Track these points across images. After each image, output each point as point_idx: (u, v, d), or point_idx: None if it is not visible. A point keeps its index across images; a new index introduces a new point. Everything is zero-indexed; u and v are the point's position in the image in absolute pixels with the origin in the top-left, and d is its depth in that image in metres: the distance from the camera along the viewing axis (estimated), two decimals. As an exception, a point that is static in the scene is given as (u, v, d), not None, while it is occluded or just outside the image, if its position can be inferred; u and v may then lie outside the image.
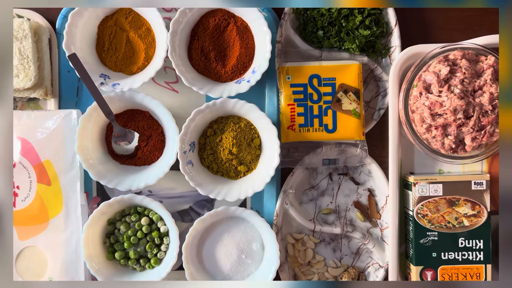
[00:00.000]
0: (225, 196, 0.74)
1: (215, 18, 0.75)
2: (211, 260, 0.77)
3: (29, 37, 0.73)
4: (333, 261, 0.81)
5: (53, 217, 0.78)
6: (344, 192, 0.81)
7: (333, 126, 0.76)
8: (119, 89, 0.73)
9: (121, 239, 0.77)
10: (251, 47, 0.76)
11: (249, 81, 0.73)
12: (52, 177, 0.77)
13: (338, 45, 0.76)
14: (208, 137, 0.77)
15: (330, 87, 0.75)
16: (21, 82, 0.73)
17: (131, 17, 0.76)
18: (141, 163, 0.78)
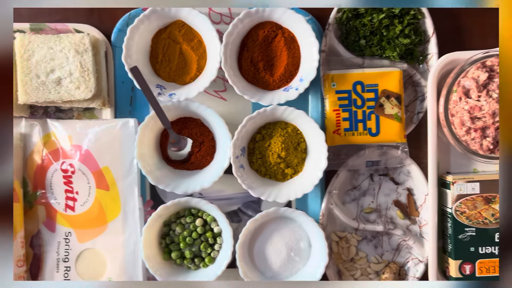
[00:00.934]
0: (276, 197, 0.79)
1: (264, 30, 0.79)
2: (262, 258, 0.82)
3: (89, 50, 0.78)
4: (375, 257, 0.86)
5: (111, 220, 0.82)
6: (385, 191, 0.86)
7: (376, 130, 0.80)
8: (176, 99, 0.78)
9: (177, 240, 0.82)
10: (297, 56, 0.80)
11: (298, 89, 0.78)
12: (111, 182, 0.81)
13: (379, 53, 0.81)
14: (256, 142, 0.81)
15: (373, 93, 0.80)
16: (82, 94, 0.78)
17: (184, 30, 0.80)
18: (194, 167, 0.83)
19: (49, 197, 0.83)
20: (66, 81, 0.78)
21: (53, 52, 0.78)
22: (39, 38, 0.78)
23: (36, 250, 0.83)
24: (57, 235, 0.83)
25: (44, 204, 0.83)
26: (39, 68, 0.78)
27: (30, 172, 0.83)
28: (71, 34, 0.78)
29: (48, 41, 0.78)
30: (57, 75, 0.78)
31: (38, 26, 0.81)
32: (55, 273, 0.83)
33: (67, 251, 0.83)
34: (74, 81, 0.78)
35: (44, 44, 0.78)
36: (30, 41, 0.78)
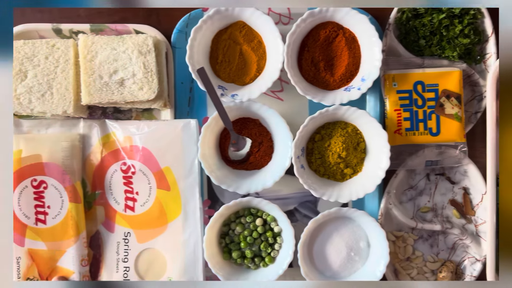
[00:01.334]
0: (337, 197, 0.79)
1: (325, 30, 0.79)
2: (321, 257, 0.82)
3: (152, 52, 0.78)
4: (431, 256, 0.86)
5: (171, 220, 0.82)
6: (441, 191, 0.86)
7: (436, 130, 0.80)
8: (239, 100, 0.78)
9: (237, 239, 0.82)
10: (358, 56, 0.80)
11: (360, 89, 0.78)
12: (172, 182, 0.82)
13: (438, 53, 0.81)
14: (315, 142, 0.81)
15: (434, 93, 0.80)
16: (145, 95, 0.78)
17: (244, 31, 0.80)
18: (252, 167, 0.83)
19: (108, 198, 0.83)
20: (129, 82, 0.78)
21: (116, 53, 0.78)
22: (102, 39, 0.78)
23: (95, 250, 0.84)
24: (116, 236, 0.83)
25: (103, 205, 0.83)
26: (102, 69, 0.78)
27: (89, 172, 0.83)
28: (134, 35, 0.79)
29: (111, 42, 0.78)
30: (120, 76, 0.78)
31: (99, 27, 0.81)
32: (114, 273, 0.83)
33: (126, 251, 0.83)
34: (137, 82, 0.78)
35: (107, 45, 0.78)
36: (93, 42, 0.78)
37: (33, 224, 0.80)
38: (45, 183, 0.80)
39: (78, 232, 0.81)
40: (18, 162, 0.79)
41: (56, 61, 0.79)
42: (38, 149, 0.80)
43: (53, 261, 0.81)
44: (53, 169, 0.80)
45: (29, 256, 0.80)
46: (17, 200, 0.79)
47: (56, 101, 0.79)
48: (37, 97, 0.79)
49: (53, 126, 0.82)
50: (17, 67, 0.79)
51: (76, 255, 0.81)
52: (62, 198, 0.80)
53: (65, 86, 0.79)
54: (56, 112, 0.79)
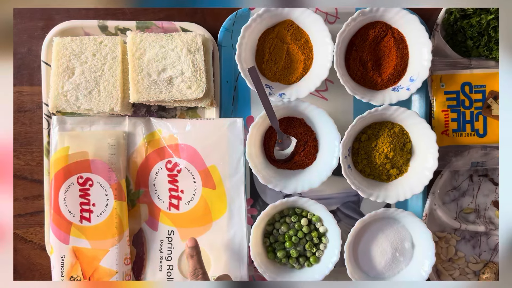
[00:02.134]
0: (385, 198, 0.79)
1: (374, 30, 0.79)
2: (366, 258, 0.82)
3: (201, 50, 0.77)
4: (473, 257, 0.86)
5: (216, 219, 0.82)
6: (484, 192, 0.86)
7: (483, 131, 0.80)
8: (287, 99, 0.78)
9: (281, 239, 0.82)
10: (406, 56, 0.80)
11: (409, 89, 0.78)
12: (217, 181, 0.81)
13: (486, 54, 0.81)
14: (362, 142, 0.81)
15: (481, 94, 0.80)
16: (194, 93, 0.78)
17: (292, 30, 0.80)
18: (296, 167, 0.83)
19: (152, 196, 0.83)
20: (177, 80, 0.78)
21: (165, 51, 0.77)
22: (150, 37, 0.78)
23: (138, 248, 0.83)
24: (159, 234, 0.83)
25: (147, 203, 0.83)
26: (151, 67, 0.78)
27: (133, 171, 0.83)
28: (183, 33, 0.78)
29: (160, 40, 0.78)
30: (169, 74, 0.78)
31: (145, 24, 0.81)
32: (158, 272, 0.83)
33: (169, 249, 0.83)
34: (185, 80, 0.78)
35: (156, 43, 0.78)
36: (142, 39, 0.78)
37: (78, 222, 0.80)
38: (91, 181, 0.79)
39: (122, 231, 0.80)
40: (65, 159, 0.79)
41: (103, 58, 0.78)
42: (84, 146, 0.79)
43: (96, 260, 0.80)
44: (99, 166, 0.79)
45: (73, 254, 0.80)
46: (63, 197, 0.79)
47: (103, 99, 0.78)
48: (84, 94, 0.78)
49: (97, 124, 0.82)
50: (64, 64, 0.78)
51: (119, 254, 0.80)
52: (107, 196, 0.80)
53: (112, 84, 0.78)
54: (103, 109, 0.78)
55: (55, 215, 0.79)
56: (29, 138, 0.85)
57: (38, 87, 0.83)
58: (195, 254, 0.77)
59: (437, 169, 0.82)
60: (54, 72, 0.78)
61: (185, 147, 0.81)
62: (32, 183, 0.85)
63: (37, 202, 0.86)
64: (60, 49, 0.78)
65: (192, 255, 0.76)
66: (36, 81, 0.84)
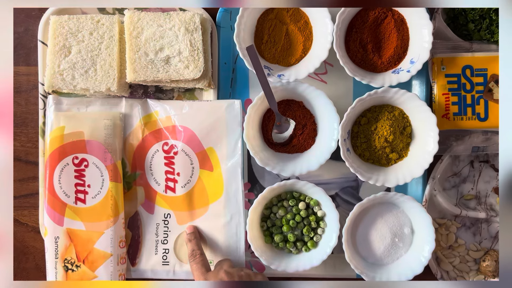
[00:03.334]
0: (384, 182, 0.78)
1: (374, 11, 0.78)
2: (365, 243, 0.80)
3: (199, 29, 0.77)
4: (474, 244, 0.85)
5: (213, 202, 0.81)
6: (485, 179, 0.85)
7: (485, 115, 0.79)
8: (285, 80, 0.77)
9: (279, 223, 0.81)
10: (406, 38, 0.79)
11: (410, 71, 0.77)
12: (215, 163, 0.80)
13: (487, 37, 0.80)
14: (361, 126, 0.80)
15: (482, 78, 0.79)
16: (191, 73, 0.77)
17: (292, 11, 0.79)
18: (295, 150, 0.82)
19: (149, 178, 0.82)
20: (175, 60, 0.77)
21: (163, 30, 0.77)
22: (148, 16, 0.77)
23: (134, 231, 0.82)
24: (155, 217, 0.82)
25: (143, 185, 0.82)
26: (148, 46, 0.77)
27: (129, 153, 0.82)
28: (181, 12, 0.77)
29: (158, 19, 0.77)
30: (166, 53, 0.77)
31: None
32: (153, 255, 0.82)
33: (166, 233, 0.82)
34: (183, 60, 0.77)
35: (154, 22, 0.77)
36: (139, 18, 0.77)
37: (73, 203, 0.79)
38: (86, 161, 0.78)
39: (117, 213, 0.79)
40: (60, 139, 0.78)
41: (100, 37, 0.78)
42: (80, 126, 0.78)
43: (90, 243, 0.79)
44: (95, 147, 0.78)
45: (68, 236, 0.79)
46: (58, 178, 0.78)
47: (100, 78, 0.77)
48: (81, 73, 0.77)
49: (93, 105, 0.81)
50: (61, 43, 0.77)
51: (114, 237, 0.79)
52: (103, 177, 0.79)
53: (109, 63, 0.77)
54: (100, 89, 0.77)
55: (50, 196, 0.78)
56: (24, 119, 0.84)
57: (34, 67, 0.82)
58: (193, 238, 0.76)
59: (437, 153, 0.81)
60: (50, 50, 0.77)
61: (183, 129, 0.80)
62: (27, 165, 0.84)
63: (32, 184, 0.85)
64: (57, 28, 0.77)
65: (190, 239, 0.76)
66: (32, 61, 0.83)
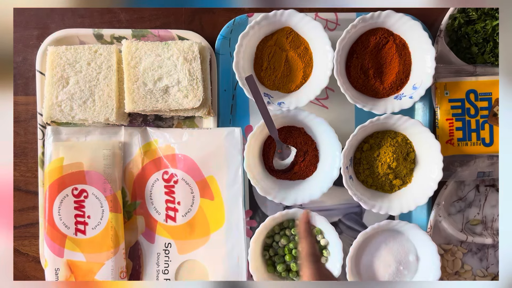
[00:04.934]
0: (388, 210, 0.76)
1: (375, 36, 0.77)
2: (370, 271, 0.79)
3: (198, 58, 0.76)
4: (481, 270, 0.83)
5: (214, 231, 0.80)
6: (491, 203, 0.83)
7: (490, 140, 0.78)
8: (286, 108, 0.76)
9: (281, 252, 0.80)
10: (408, 63, 0.78)
11: (412, 97, 0.75)
12: (215, 192, 0.79)
13: (491, 60, 0.78)
14: (364, 152, 0.79)
15: (487, 102, 0.77)
16: (190, 102, 0.76)
17: (291, 37, 0.78)
18: (296, 177, 0.81)
19: (149, 207, 0.81)
20: (173, 90, 0.76)
21: (161, 60, 0.76)
22: (146, 45, 0.76)
23: (134, 261, 0.81)
24: (156, 246, 0.81)
25: (143, 215, 0.81)
26: (146, 76, 0.76)
27: (129, 181, 0.81)
28: (179, 42, 0.77)
29: (156, 48, 0.76)
30: (165, 83, 0.76)
31: (141, 32, 0.79)
32: (154, 285, 0.81)
33: (166, 262, 0.81)
34: (182, 89, 0.76)
35: (152, 51, 0.76)
36: (137, 48, 0.76)
37: (73, 234, 0.78)
38: (86, 192, 0.78)
39: (117, 243, 0.79)
40: (59, 170, 0.77)
41: (98, 67, 0.77)
42: (79, 157, 0.78)
43: (91, 274, 0.78)
44: (95, 177, 0.77)
45: (68, 267, 0.78)
46: (57, 209, 0.77)
47: (98, 108, 0.77)
48: (79, 104, 0.77)
49: (93, 134, 0.80)
50: (58, 73, 0.77)
51: (115, 267, 0.78)
52: (103, 207, 0.78)
53: (107, 93, 0.77)
54: (98, 119, 0.77)
55: (49, 227, 0.77)
56: (24, 149, 0.83)
57: (33, 97, 0.82)
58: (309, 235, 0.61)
59: (442, 179, 0.79)
60: (48, 81, 0.77)
61: (182, 157, 0.79)
62: (27, 195, 0.84)
63: (32, 214, 0.84)
64: (55, 58, 0.77)
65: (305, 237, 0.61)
66: (31, 91, 0.82)
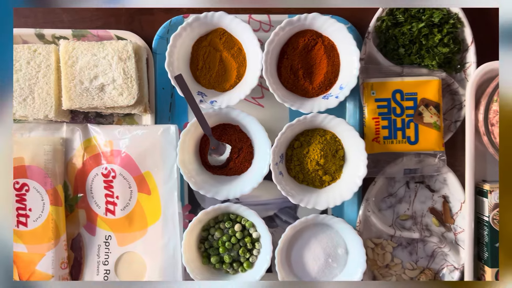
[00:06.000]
0: (315, 204, 0.80)
1: (304, 38, 0.80)
2: (300, 263, 0.83)
3: (132, 58, 0.79)
4: (410, 263, 0.87)
5: (151, 224, 0.83)
6: (420, 199, 0.86)
7: (415, 138, 0.81)
8: (217, 106, 0.79)
9: (216, 245, 0.83)
10: (337, 64, 0.81)
11: (338, 97, 0.78)
12: (152, 187, 0.82)
13: (418, 61, 0.81)
14: (295, 149, 0.82)
15: (412, 102, 0.80)
16: (125, 100, 0.79)
17: (224, 38, 0.81)
18: (232, 173, 0.84)
19: (90, 201, 0.84)
20: (109, 88, 0.79)
21: (97, 59, 0.79)
22: (82, 45, 0.79)
23: (76, 253, 0.85)
24: (97, 239, 0.84)
25: (85, 208, 0.84)
26: (83, 74, 0.79)
27: (71, 176, 0.84)
28: (114, 41, 0.79)
29: (92, 48, 0.79)
30: (101, 81, 0.79)
31: (80, 32, 0.82)
32: (95, 275, 0.84)
33: (107, 254, 0.84)
34: (117, 87, 0.79)
35: (88, 51, 0.79)
36: (74, 47, 0.79)
37: (15, 226, 0.81)
38: (27, 186, 0.81)
39: (58, 235, 0.82)
40: None
41: (37, 66, 0.80)
42: (21, 152, 0.81)
43: (32, 265, 0.82)
44: (36, 172, 0.81)
45: (11, 258, 0.82)
46: (-2, 202, 0.80)
47: (38, 106, 0.80)
48: (19, 101, 0.80)
49: (36, 130, 0.83)
50: None
51: (56, 258, 0.81)
52: (43, 201, 0.81)
53: (46, 91, 0.80)
54: (38, 116, 0.80)
55: (-8, 219, 0.81)
56: (-30, 144, 0.86)
57: (-22, 94, 0.85)
58: None
59: (370, 176, 0.83)
60: (-11, 79, 0.80)
61: (120, 153, 0.82)
62: (-25, 188, 0.87)
63: (-21, 207, 0.87)
64: (-5, 57, 0.80)
65: None
66: (-24, 88, 0.85)
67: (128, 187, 0.82)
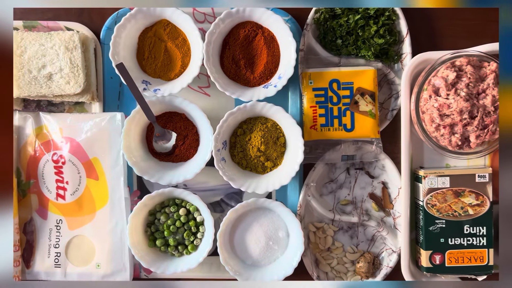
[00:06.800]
0: (255, 189, 0.83)
1: (245, 30, 0.83)
2: (242, 246, 0.86)
3: (78, 48, 0.82)
4: (351, 247, 0.90)
5: (99, 208, 0.86)
6: (360, 185, 0.90)
7: (351, 126, 0.84)
8: (160, 94, 0.82)
9: (161, 228, 0.86)
10: (277, 55, 0.84)
11: (276, 86, 0.82)
12: (100, 172, 0.86)
13: (355, 52, 0.85)
14: (238, 136, 0.85)
15: (348, 91, 0.84)
16: (71, 88, 0.82)
17: (169, 29, 0.84)
18: (178, 160, 0.87)
19: (41, 186, 0.87)
20: (56, 77, 0.82)
21: (45, 49, 0.82)
22: (31, 35, 0.82)
23: (28, 236, 0.88)
24: (49, 222, 0.88)
25: (37, 193, 0.88)
26: (31, 63, 0.82)
27: (23, 162, 0.87)
28: (61, 32, 0.83)
29: (40, 38, 0.82)
30: (48, 70, 0.82)
31: (31, 23, 0.85)
32: (46, 258, 0.87)
33: (58, 237, 0.87)
34: (64, 76, 0.82)
35: (36, 41, 0.82)
36: (22, 38, 0.82)
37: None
38: (-22, 172, 0.84)
39: (10, 219, 0.85)
40: (-49, 151, 0.83)
41: (-12, 55, 0.83)
42: (-29, 139, 0.84)
43: (-14, 247, 0.85)
44: (-14, 158, 0.84)
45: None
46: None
47: (-12, 94, 0.83)
48: (-30, 89, 0.83)
49: (-11, 118, 0.86)
50: (-49, 61, 0.83)
51: (9, 241, 0.85)
52: (-5, 186, 0.84)
53: (-3, 80, 0.83)
54: (-12, 104, 0.83)
55: None
56: None
57: None
58: None
59: (310, 162, 0.86)
60: None
61: (69, 140, 0.85)
62: None
63: None
64: None
65: None
66: None
67: (77, 172, 0.86)
